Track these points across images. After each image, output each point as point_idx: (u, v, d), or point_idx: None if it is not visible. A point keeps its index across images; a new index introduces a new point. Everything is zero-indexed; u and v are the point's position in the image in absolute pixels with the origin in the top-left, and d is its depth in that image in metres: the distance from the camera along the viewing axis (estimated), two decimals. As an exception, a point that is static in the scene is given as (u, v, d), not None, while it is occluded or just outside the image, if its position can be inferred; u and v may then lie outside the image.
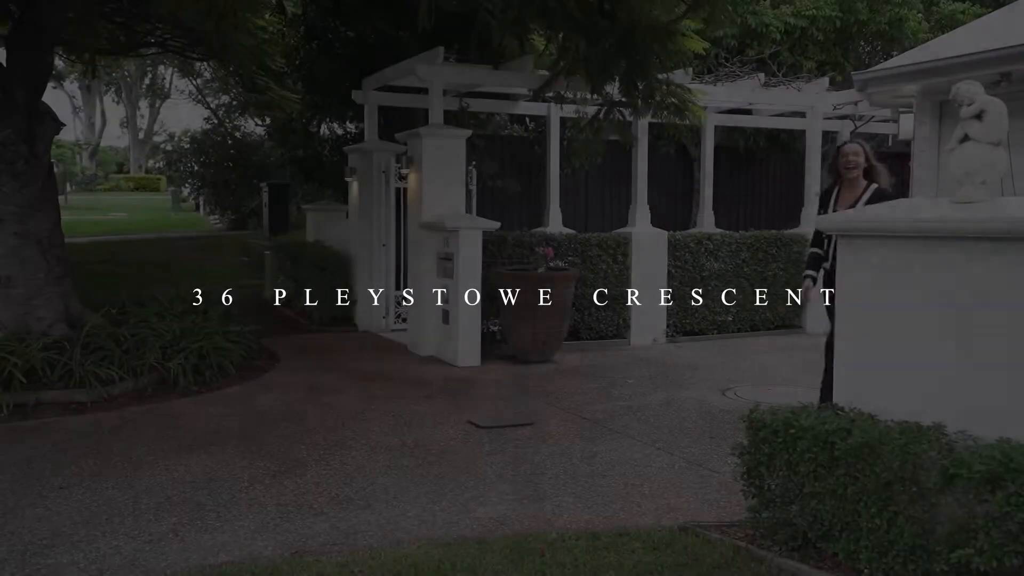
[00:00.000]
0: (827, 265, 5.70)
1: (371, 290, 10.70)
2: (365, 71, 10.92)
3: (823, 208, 5.79)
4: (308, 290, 11.21)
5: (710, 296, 10.35)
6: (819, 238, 5.81)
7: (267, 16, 11.03)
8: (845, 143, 5.99)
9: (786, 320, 10.97)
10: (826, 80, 11.85)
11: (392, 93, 10.90)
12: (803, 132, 12.19)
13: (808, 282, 5.96)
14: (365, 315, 10.88)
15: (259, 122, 23.13)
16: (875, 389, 3.75)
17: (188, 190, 32.24)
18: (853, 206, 5.46)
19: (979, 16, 12.96)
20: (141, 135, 54.99)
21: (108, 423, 6.27)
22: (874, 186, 5.63)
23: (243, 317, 9.59)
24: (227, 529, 4.22)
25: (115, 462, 5.31)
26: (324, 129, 14.96)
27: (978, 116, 3.50)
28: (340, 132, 14.61)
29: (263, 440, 5.81)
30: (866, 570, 3.40)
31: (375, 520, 4.35)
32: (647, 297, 9.97)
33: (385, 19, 11.33)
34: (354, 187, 11.07)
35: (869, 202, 5.42)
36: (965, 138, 3.55)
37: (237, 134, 26.52)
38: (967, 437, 3.34)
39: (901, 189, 15.18)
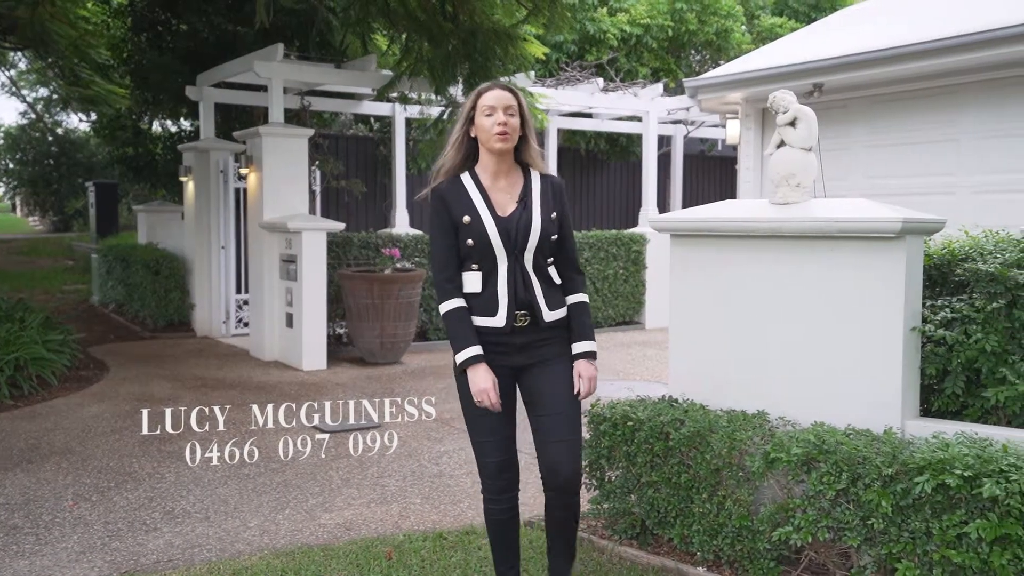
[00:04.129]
0: (502, 326, 2.93)
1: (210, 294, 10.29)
2: (200, 67, 10.48)
3: (458, 211, 2.93)
4: (140, 295, 10.65)
5: (555, 295, 10.58)
6: (455, 272, 2.95)
7: (89, 5, 10.38)
8: (485, 87, 2.99)
9: (626, 316, 11.39)
10: (660, 86, 12.39)
11: (230, 90, 10.52)
12: (640, 136, 12.70)
13: (482, 372, 2.87)
14: (204, 320, 10.46)
15: (83, 118, 21.72)
16: (705, 381, 3.95)
17: (3, 190, 29.82)
18: (524, 208, 2.95)
19: (795, 30, 13.93)
20: (-53, 129, 50.35)
21: (-91, 445, 5.71)
22: (538, 174, 3.05)
23: (68, 324, 8.99)
24: (47, 552, 3.94)
25: (-83, 487, 4.85)
26: (156, 126, 14.24)
27: (792, 123, 3.75)
28: (174, 130, 13.95)
29: (90, 455, 5.46)
30: (698, 553, 3.58)
31: (214, 533, 4.18)
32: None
33: (221, 13, 10.92)
34: (190, 187, 10.60)
35: (545, 199, 2.99)
36: (781, 143, 3.79)
37: (59, 130, 24.80)
38: (787, 423, 3.58)
39: (731, 191, 16.10)
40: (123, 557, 3.88)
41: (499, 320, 2.92)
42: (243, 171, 9.38)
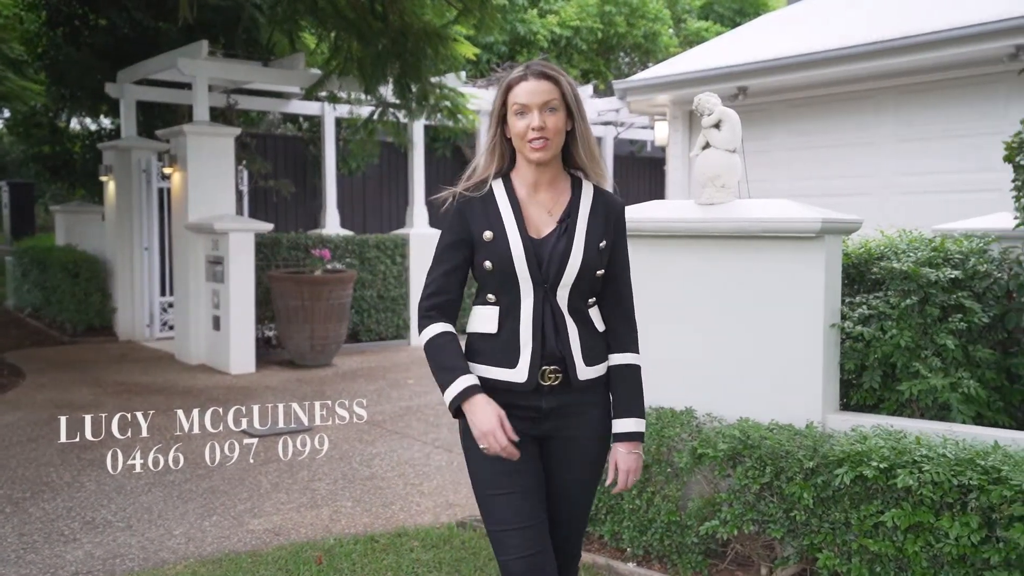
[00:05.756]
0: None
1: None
2: (120, 63, 10.18)
3: (480, 224, 2.24)
4: (59, 299, 10.30)
5: (487, 295, 10.60)
6: (443, 299, 2.30)
7: (1, -2, 10.00)
8: (516, 77, 2.24)
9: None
10: (590, 87, 12.51)
11: (153, 88, 10.24)
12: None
13: (482, 406, 2.11)
14: (127, 324, 10.17)
15: (-4, 114, 20.88)
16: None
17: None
18: (565, 230, 2.23)
19: (720, 34, 14.23)
20: None
21: None
22: (591, 187, 2.31)
23: (-20, 330, 8.65)
24: (-40, 567, 3.78)
25: None
26: (75, 124, 13.78)
27: (717, 125, 3.82)
28: (93, 128, 13.52)
29: (3, 465, 5.25)
30: (628, 549, 3.62)
31: (137, 542, 4.06)
32: (426, 298, 10.06)
33: (142, 9, 10.63)
34: (111, 187, 10.29)
35: (595, 222, 2.26)
36: (707, 145, 3.86)
37: (-31, 127, 23.80)
38: (713, 419, 3.65)
39: (660, 192, 16.37)
40: (38, 570, 3.75)
41: (519, 373, 2.18)
42: (167, 170, 9.15)
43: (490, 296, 2.25)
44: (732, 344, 3.67)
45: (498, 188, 2.28)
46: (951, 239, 3.77)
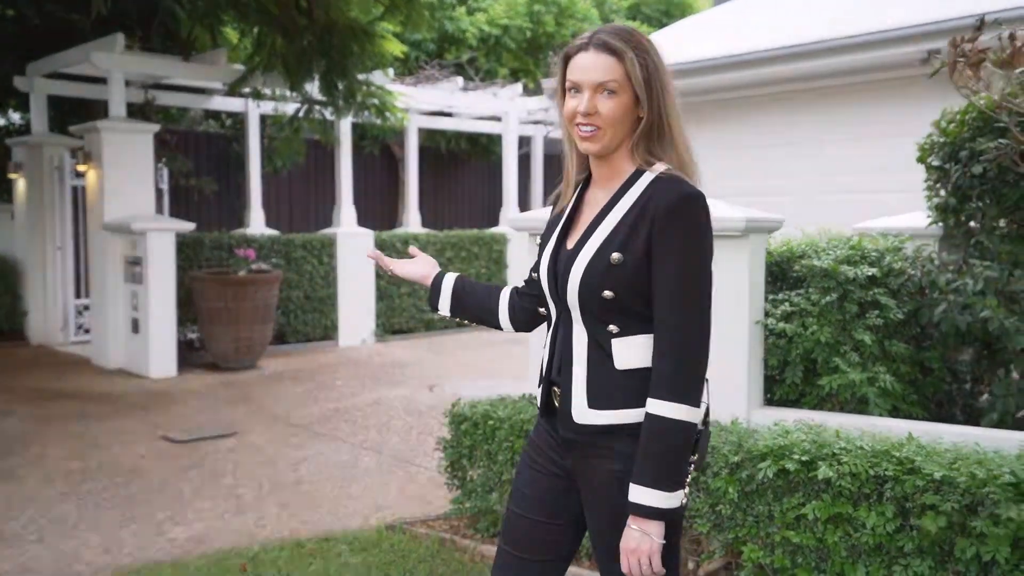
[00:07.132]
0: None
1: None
2: (30, 55, 9.77)
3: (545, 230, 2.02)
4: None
5: (417, 295, 10.54)
6: (522, 285, 2.20)
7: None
8: (574, 47, 1.88)
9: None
10: (520, 86, 12.51)
11: (66, 82, 9.85)
12: (501, 136, 12.80)
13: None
14: (39, 327, 9.78)
15: (-102, 108, 19.82)
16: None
17: None
18: (585, 239, 1.86)
19: (648, 34, 14.41)
20: None
21: None
22: (648, 179, 1.84)
23: None
24: None
25: None
26: (-18, 118, 13.18)
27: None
28: (1, 123, 12.95)
29: (-94, 478, 5.00)
30: (559, 547, 3.62)
31: (49, 555, 3.90)
32: (354, 297, 9.95)
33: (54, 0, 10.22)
34: (20, 184, 9.89)
35: (620, 229, 1.82)
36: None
37: None
38: (641, 415, 3.68)
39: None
40: (-56, 587, 3.57)
41: (537, 392, 2.03)
42: (81, 168, 8.84)
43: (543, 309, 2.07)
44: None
45: (583, 185, 1.99)
46: (868, 238, 3.88)
